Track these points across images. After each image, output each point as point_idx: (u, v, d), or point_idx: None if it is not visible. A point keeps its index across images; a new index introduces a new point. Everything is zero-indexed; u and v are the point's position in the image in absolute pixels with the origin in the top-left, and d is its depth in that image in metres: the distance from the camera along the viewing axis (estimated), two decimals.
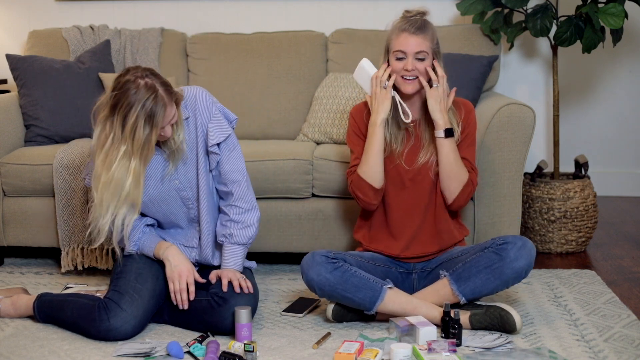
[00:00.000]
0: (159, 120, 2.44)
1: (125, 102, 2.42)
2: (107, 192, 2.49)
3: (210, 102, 2.68)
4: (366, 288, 2.59)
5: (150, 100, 2.42)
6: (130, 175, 2.48)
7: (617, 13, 3.39)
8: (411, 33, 2.66)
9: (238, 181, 2.70)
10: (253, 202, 2.73)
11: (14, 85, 3.87)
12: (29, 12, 4.20)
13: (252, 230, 2.72)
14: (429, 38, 2.68)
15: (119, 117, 2.44)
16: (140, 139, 2.44)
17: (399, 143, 2.74)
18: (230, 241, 2.70)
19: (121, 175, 2.48)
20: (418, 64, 2.67)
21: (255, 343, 2.35)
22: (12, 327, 2.67)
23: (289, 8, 4.13)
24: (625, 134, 4.39)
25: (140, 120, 2.42)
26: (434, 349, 2.35)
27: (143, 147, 2.46)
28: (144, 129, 2.43)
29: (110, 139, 2.46)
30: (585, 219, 3.55)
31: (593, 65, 4.30)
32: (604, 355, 2.39)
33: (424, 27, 2.68)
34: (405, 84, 2.69)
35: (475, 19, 3.75)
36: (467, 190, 2.74)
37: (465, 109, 2.79)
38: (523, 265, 2.58)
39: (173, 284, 2.60)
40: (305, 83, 3.73)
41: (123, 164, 2.47)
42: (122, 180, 2.48)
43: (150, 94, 2.43)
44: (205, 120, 2.66)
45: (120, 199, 2.51)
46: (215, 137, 2.65)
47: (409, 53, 2.67)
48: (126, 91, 2.43)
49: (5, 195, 3.30)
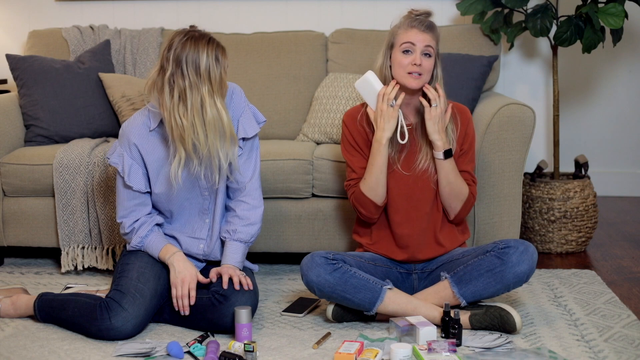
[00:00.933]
0: (222, 59, 2.60)
1: (190, 51, 2.55)
2: (211, 134, 2.57)
3: (245, 99, 2.78)
4: (366, 289, 2.59)
5: (210, 43, 2.58)
6: (222, 111, 2.58)
7: (617, 13, 3.39)
8: (421, 30, 2.66)
9: (251, 178, 2.74)
10: (260, 200, 2.77)
11: (14, 85, 3.87)
12: (29, 12, 4.20)
13: (256, 228, 2.74)
14: (436, 37, 2.69)
15: (189, 65, 2.54)
16: (216, 77, 2.57)
17: (394, 148, 2.71)
18: (233, 237, 2.71)
19: (214, 113, 2.57)
20: (424, 60, 2.66)
21: (255, 343, 2.35)
22: (12, 327, 2.67)
23: (289, 8, 4.13)
24: (625, 134, 4.39)
25: (211, 60, 2.56)
26: (434, 349, 2.35)
27: (221, 85, 2.59)
28: (216, 67, 2.57)
29: (188, 87, 2.55)
30: (585, 219, 3.55)
31: (593, 65, 4.30)
32: (604, 355, 2.39)
33: (432, 27, 2.68)
34: (410, 79, 2.66)
35: (475, 19, 3.75)
36: (469, 204, 2.75)
37: (463, 118, 2.77)
38: (525, 270, 2.57)
39: (176, 289, 2.62)
40: (305, 83, 3.73)
41: (211, 104, 2.56)
42: (216, 117, 2.57)
43: (205, 39, 2.58)
44: (237, 114, 2.73)
45: (224, 135, 2.59)
46: (245, 131, 2.72)
47: (417, 46, 2.64)
48: (184, 44, 2.55)
49: (5, 195, 3.30)
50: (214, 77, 2.56)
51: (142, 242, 2.72)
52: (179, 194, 2.72)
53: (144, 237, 2.71)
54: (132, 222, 2.72)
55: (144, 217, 2.73)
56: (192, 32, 2.59)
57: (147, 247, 2.72)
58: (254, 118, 2.77)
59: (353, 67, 3.71)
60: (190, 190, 2.72)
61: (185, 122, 2.54)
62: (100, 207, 3.19)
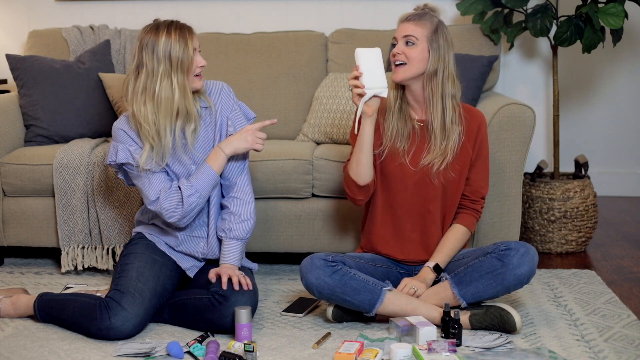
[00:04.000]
0: (187, 35, 2.60)
1: (150, 37, 2.61)
2: (160, 114, 2.60)
3: (234, 97, 2.80)
4: (365, 291, 2.58)
5: (173, 23, 2.63)
6: (175, 89, 2.60)
7: (617, 13, 3.39)
8: (404, 21, 2.68)
9: (240, 174, 2.76)
10: (251, 195, 2.79)
11: (14, 85, 3.87)
12: (29, 12, 4.20)
13: (249, 224, 2.75)
14: (424, 26, 2.65)
15: (148, 51, 2.59)
16: (178, 57, 2.58)
17: (404, 140, 2.71)
18: (229, 236, 2.72)
19: (167, 93, 2.60)
20: (407, 49, 2.65)
21: (255, 343, 2.35)
22: (12, 327, 2.67)
23: (289, 8, 4.13)
24: (625, 134, 4.39)
25: (173, 38, 2.59)
26: (434, 349, 2.35)
27: (182, 63, 2.60)
28: (178, 44, 2.59)
29: (145, 74, 2.60)
30: (585, 219, 3.55)
31: (593, 65, 4.30)
32: (604, 355, 2.39)
33: (420, 16, 2.67)
34: (393, 73, 2.68)
35: (475, 19, 3.75)
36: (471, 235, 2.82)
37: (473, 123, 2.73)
38: (525, 272, 2.57)
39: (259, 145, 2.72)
40: (305, 83, 3.73)
41: (165, 84, 2.59)
42: (169, 96, 2.60)
43: (170, 21, 2.64)
44: (226, 112, 2.76)
45: (173, 113, 2.62)
46: (235, 129, 2.75)
47: (398, 37, 2.67)
48: (147, 33, 2.62)
49: (5, 195, 3.30)
50: (175, 56, 2.58)
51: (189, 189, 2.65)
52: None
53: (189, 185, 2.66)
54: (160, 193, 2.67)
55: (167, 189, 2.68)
56: (155, 21, 2.66)
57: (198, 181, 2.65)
58: (244, 115, 2.81)
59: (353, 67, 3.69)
60: None
61: (143, 109, 2.59)
62: (100, 207, 3.19)
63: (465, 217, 2.77)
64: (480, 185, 2.77)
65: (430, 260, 2.71)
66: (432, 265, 2.69)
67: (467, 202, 2.78)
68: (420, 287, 2.64)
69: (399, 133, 2.70)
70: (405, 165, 2.71)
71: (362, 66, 2.61)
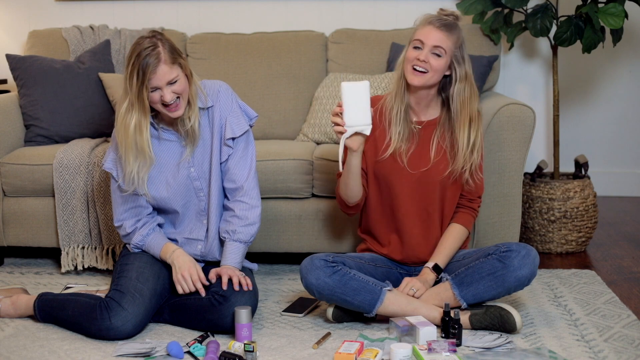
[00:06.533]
0: (148, 72, 2.49)
1: (129, 55, 2.54)
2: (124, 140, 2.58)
3: (233, 97, 2.75)
4: (365, 291, 2.58)
5: (147, 52, 2.50)
6: (132, 123, 2.56)
7: (617, 13, 3.39)
8: (436, 27, 2.61)
9: (247, 177, 2.73)
10: (258, 199, 2.77)
11: (14, 85, 3.87)
12: (29, 12, 4.20)
13: (255, 228, 2.74)
14: (453, 39, 2.61)
15: (126, 70, 2.55)
16: (134, 89, 2.52)
17: (404, 142, 2.70)
18: (232, 238, 2.71)
19: (128, 122, 2.56)
20: (433, 59, 2.60)
21: (255, 343, 2.35)
22: (12, 327, 2.67)
23: (289, 8, 4.13)
24: (625, 134, 4.39)
25: (134, 70, 2.51)
26: (434, 349, 2.35)
27: (138, 99, 2.53)
28: (136, 79, 2.51)
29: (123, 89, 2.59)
30: (585, 219, 3.55)
31: (593, 65, 4.30)
32: (604, 355, 2.39)
33: (450, 26, 2.62)
34: (412, 75, 2.62)
35: (475, 19, 3.75)
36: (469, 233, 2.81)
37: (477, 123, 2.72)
38: (526, 274, 2.57)
39: (181, 286, 2.62)
40: (305, 83, 3.73)
41: (129, 112, 2.56)
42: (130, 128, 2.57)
43: (148, 46, 2.51)
44: (225, 113, 2.71)
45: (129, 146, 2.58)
46: (232, 131, 2.70)
47: (427, 44, 2.60)
48: (133, 46, 2.54)
49: (5, 195, 3.30)
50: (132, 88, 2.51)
51: (143, 240, 2.72)
52: (175, 197, 2.72)
53: (146, 235, 2.72)
54: (133, 223, 2.73)
55: (145, 217, 2.74)
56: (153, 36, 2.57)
57: (149, 246, 2.72)
58: (244, 115, 2.76)
59: (353, 67, 3.71)
60: (184, 193, 2.72)
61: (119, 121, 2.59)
62: (100, 207, 3.19)
63: (463, 216, 2.77)
64: (478, 184, 2.76)
65: (430, 261, 2.71)
66: (431, 265, 2.69)
67: (464, 201, 2.78)
68: (420, 288, 2.64)
69: (402, 135, 2.70)
70: (403, 168, 2.70)
71: (345, 102, 2.53)
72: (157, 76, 2.51)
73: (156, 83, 2.52)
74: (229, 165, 2.72)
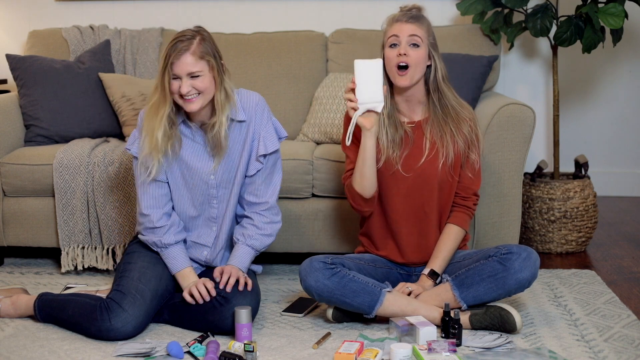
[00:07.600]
0: (172, 57, 2.52)
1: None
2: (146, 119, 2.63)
3: (269, 113, 2.73)
4: (365, 293, 2.58)
5: (181, 39, 2.54)
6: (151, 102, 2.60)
7: (617, 13, 3.39)
8: (404, 21, 2.64)
9: (272, 194, 2.73)
10: (279, 216, 2.77)
11: (14, 85, 3.87)
12: (29, 12, 4.20)
13: (271, 240, 2.76)
14: (424, 28, 2.65)
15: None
16: (159, 71, 2.58)
17: (396, 146, 2.69)
18: (246, 242, 2.71)
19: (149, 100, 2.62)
20: (412, 51, 2.62)
21: (255, 343, 2.35)
22: (12, 327, 2.67)
23: (289, 8, 4.13)
24: (625, 134, 4.39)
25: (165, 52, 2.56)
26: (434, 349, 2.35)
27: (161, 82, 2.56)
28: (163, 61, 2.55)
29: None
30: (585, 219, 3.55)
31: (593, 65, 4.30)
32: (604, 355, 2.39)
33: (418, 17, 2.66)
34: (398, 78, 2.64)
35: (475, 19, 3.75)
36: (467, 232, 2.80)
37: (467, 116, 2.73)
38: (527, 277, 2.57)
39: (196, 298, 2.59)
40: (305, 83, 3.73)
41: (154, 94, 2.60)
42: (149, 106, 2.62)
43: (186, 34, 2.55)
44: (259, 129, 2.69)
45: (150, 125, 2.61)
46: (265, 148, 2.69)
47: (402, 36, 2.63)
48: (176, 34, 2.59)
49: (5, 195, 3.30)
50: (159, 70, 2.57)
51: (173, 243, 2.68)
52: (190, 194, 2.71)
53: (174, 243, 2.68)
54: (162, 216, 2.67)
55: (177, 218, 2.70)
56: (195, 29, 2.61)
57: (171, 254, 2.69)
58: (276, 133, 2.73)
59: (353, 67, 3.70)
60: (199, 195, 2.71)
61: None
62: (100, 207, 3.19)
63: (458, 216, 2.76)
64: (471, 180, 2.75)
65: (427, 267, 2.71)
66: (427, 272, 2.69)
67: (458, 199, 2.77)
68: (416, 288, 2.64)
69: (393, 140, 2.69)
70: (398, 172, 2.69)
71: (357, 79, 2.55)
72: (179, 62, 2.53)
73: (177, 70, 2.53)
74: (256, 181, 2.71)
